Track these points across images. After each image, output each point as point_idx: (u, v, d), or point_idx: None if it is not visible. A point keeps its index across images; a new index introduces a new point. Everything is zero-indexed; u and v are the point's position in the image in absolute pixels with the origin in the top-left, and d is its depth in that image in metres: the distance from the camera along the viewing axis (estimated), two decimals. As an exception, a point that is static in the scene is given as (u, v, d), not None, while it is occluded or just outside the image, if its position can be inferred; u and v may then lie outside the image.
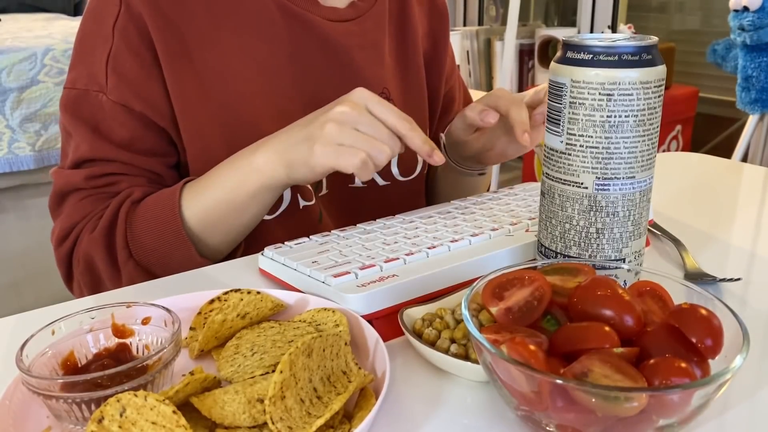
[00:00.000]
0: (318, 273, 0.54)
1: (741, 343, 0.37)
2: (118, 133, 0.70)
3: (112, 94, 0.69)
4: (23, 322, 0.55)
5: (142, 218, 0.67)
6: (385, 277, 0.53)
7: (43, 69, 1.74)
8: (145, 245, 0.67)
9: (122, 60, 0.69)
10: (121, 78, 0.69)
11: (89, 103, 0.70)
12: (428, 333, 0.47)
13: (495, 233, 0.61)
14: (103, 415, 0.36)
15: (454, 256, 0.57)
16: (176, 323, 0.45)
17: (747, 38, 1.93)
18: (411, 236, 0.61)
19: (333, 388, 0.41)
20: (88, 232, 0.69)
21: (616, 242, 0.52)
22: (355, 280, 0.53)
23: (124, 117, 0.69)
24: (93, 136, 0.70)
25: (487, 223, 0.64)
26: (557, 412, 0.36)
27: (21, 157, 1.73)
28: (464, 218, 0.65)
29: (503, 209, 0.68)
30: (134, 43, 0.69)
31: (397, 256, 0.56)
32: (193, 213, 0.67)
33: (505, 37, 2.35)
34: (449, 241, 0.59)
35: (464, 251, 0.58)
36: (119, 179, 0.71)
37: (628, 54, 0.48)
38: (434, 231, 0.62)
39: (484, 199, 0.72)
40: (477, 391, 0.45)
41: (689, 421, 0.36)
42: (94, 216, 0.70)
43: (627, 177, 0.50)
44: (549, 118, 0.53)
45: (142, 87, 0.69)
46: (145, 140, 0.71)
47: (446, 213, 0.67)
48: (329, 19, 0.76)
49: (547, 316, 0.42)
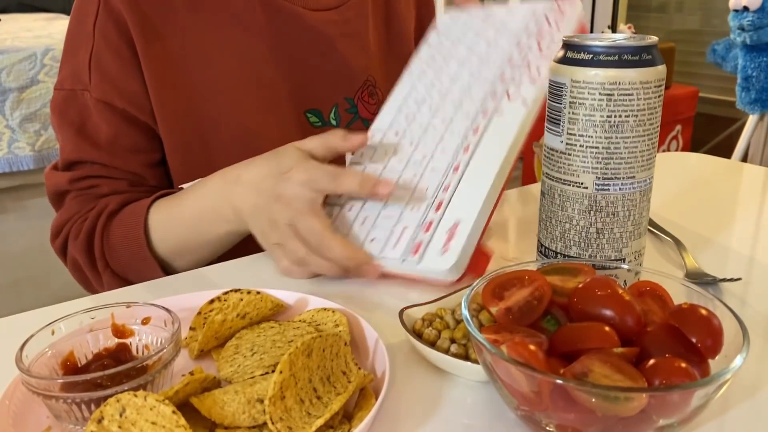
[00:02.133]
0: (390, 251, 0.56)
1: (741, 343, 0.37)
2: (103, 131, 0.71)
3: (95, 91, 0.70)
4: (23, 322, 0.54)
5: (114, 234, 0.69)
6: (451, 226, 0.54)
7: (43, 69, 1.75)
8: (120, 259, 0.69)
9: (103, 58, 0.70)
10: (103, 76, 0.70)
11: (76, 102, 0.71)
12: (428, 333, 0.47)
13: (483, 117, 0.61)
14: (103, 415, 0.36)
15: (480, 157, 0.58)
16: (176, 323, 0.44)
17: (747, 38, 1.94)
18: (416, 163, 0.60)
19: (333, 389, 0.41)
20: (73, 238, 0.71)
21: (616, 242, 0.52)
22: (435, 247, 0.54)
23: (108, 114, 0.71)
24: (77, 137, 0.71)
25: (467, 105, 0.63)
26: (557, 412, 0.36)
27: (21, 157, 1.73)
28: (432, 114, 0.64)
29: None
30: (114, 41, 0.70)
31: (437, 197, 0.56)
32: (160, 238, 0.68)
33: (505, 37, 2.35)
34: (458, 149, 0.60)
35: (484, 145, 0.59)
36: (100, 182, 0.72)
37: (628, 54, 0.48)
38: (424, 148, 0.62)
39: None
40: (477, 391, 0.45)
41: (689, 421, 0.36)
42: (79, 218, 0.72)
43: (627, 177, 0.50)
44: (549, 118, 0.53)
45: (123, 83, 0.70)
46: (128, 136, 0.72)
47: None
48: (310, 9, 0.76)
49: (547, 316, 0.42)
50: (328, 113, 0.78)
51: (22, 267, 1.81)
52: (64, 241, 0.72)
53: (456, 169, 0.58)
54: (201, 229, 0.65)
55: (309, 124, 0.77)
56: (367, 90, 0.81)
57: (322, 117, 0.78)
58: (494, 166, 0.58)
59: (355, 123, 0.80)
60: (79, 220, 0.71)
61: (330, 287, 0.59)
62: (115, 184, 0.72)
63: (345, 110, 0.79)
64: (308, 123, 0.77)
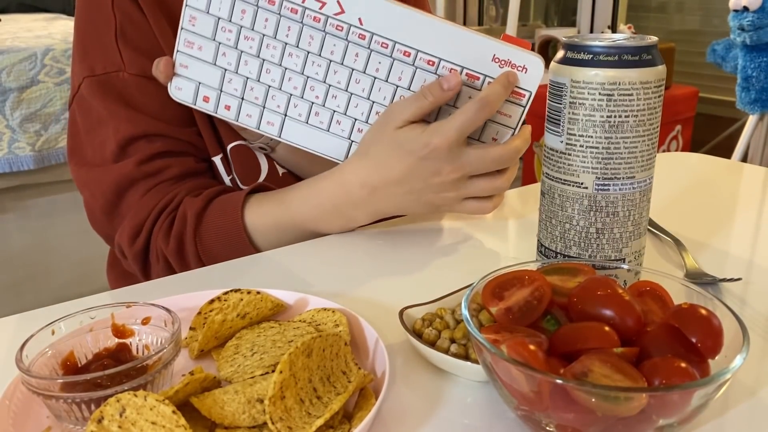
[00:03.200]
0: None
1: (741, 343, 0.37)
2: (149, 105, 0.70)
3: (131, 68, 0.70)
4: (23, 322, 0.55)
5: (209, 237, 0.68)
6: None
7: (43, 69, 1.75)
8: (217, 256, 0.68)
9: (130, 34, 0.70)
10: (134, 50, 0.70)
11: (113, 85, 0.70)
12: (428, 333, 0.47)
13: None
14: (103, 415, 0.36)
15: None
16: (176, 323, 0.45)
17: (747, 38, 1.94)
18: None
19: (333, 388, 0.41)
20: (163, 239, 0.69)
21: (616, 242, 0.52)
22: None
23: (149, 88, 0.70)
24: (129, 112, 0.70)
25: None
26: (557, 412, 0.36)
27: (21, 157, 1.73)
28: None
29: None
30: (135, 16, 0.70)
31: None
32: (266, 241, 0.69)
33: (505, 37, 2.35)
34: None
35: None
36: (169, 162, 0.71)
37: (628, 54, 0.48)
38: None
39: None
40: (477, 391, 0.45)
41: (689, 421, 0.36)
42: (160, 216, 0.69)
43: (627, 177, 0.50)
44: (549, 118, 0.53)
45: (157, 53, 0.69)
46: (175, 107, 0.70)
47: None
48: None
49: (547, 316, 0.42)
50: None
51: (22, 267, 1.81)
52: (146, 243, 0.70)
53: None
54: (315, 233, 0.69)
55: None
56: None
57: None
58: (418, 22, 0.62)
59: None
60: (161, 217, 0.69)
61: (330, 287, 0.59)
62: (185, 163, 0.71)
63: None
64: None
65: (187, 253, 0.69)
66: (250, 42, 0.64)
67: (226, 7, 0.63)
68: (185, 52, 0.65)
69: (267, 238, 0.69)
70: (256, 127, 0.67)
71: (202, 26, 0.64)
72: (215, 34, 0.64)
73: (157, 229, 0.69)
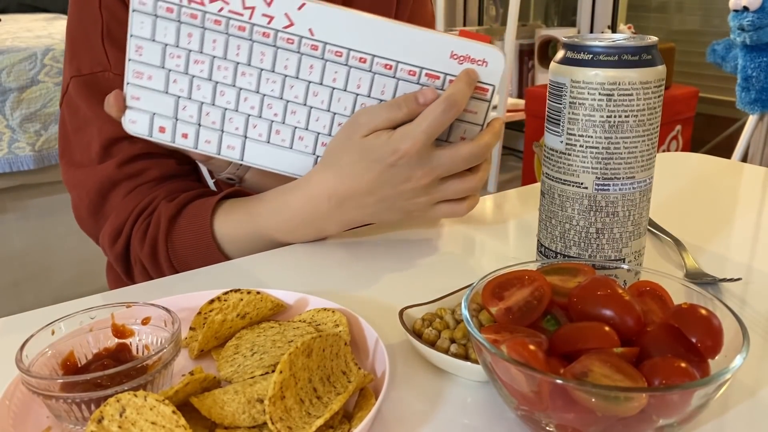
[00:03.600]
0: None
1: (741, 343, 0.37)
2: None
3: (116, 68, 0.70)
4: (23, 322, 0.55)
5: (180, 242, 0.68)
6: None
7: (43, 69, 1.75)
8: (188, 261, 0.68)
9: (116, 33, 0.70)
10: (120, 50, 0.69)
11: (99, 85, 0.70)
12: (428, 333, 0.47)
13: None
14: (103, 415, 0.36)
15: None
16: (176, 323, 0.45)
17: (747, 38, 1.94)
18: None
19: (333, 388, 0.41)
20: (138, 242, 0.69)
21: (616, 242, 0.52)
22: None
23: None
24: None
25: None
26: (557, 412, 0.36)
27: (21, 157, 1.73)
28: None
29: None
30: (121, 14, 0.69)
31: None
32: (235, 249, 0.68)
33: (505, 38, 2.35)
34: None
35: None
36: (150, 164, 0.71)
37: (628, 54, 0.48)
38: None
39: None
40: (477, 391, 0.45)
41: (689, 421, 0.36)
42: (137, 219, 0.70)
43: (627, 177, 0.50)
44: (549, 118, 0.53)
45: None
46: None
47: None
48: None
49: (547, 316, 0.42)
50: None
51: (22, 267, 1.81)
52: (126, 245, 0.70)
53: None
54: (285, 241, 0.68)
55: None
56: None
57: None
58: (370, 26, 0.61)
59: None
60: (139, 220, 0.69)
61: (330, 287, 0.59)
62: (164, 166, 0.71)
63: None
64: None
65: (160, 258, 0.69)
66: (201, 65, 0.62)
67: (172, 32, 0.61)
68: (135, 83, 0.63)
69: (237, 247, 0.68)
70: (216, 153, 0.65)
71: (150, 55, 0.62)
72: (164, 62, 0.62)
73: (135, 232, 0.70)
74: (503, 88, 1.96)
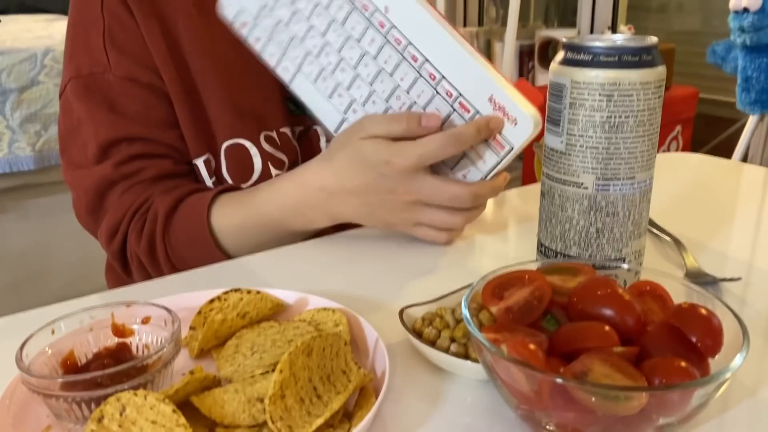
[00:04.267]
0: (485, 166, 0.64)
1: (741, 343, 0.37)
2: (132, 108, 0.71)
3: (117, 70, 0.70)
4: (23, 322, 0.54)
5: (177, 240, 0.69)
6: (488, 105, 0.62)
7: (43, 70, 1.75)
8: (186, 261, 0.69)
9: (118, 36, 0.70)
10: (121, 52, 0.70)
11: (98, 85, 0.71)
12: (428, 332, 0.47)
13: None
14: (103, 414, 0.36)
15: (422, 43, 0.63)
16: (176, 323, 0.45)
17: (747, 39, 1.93)
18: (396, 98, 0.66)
19: (333, 388, 0.41)
20: (135, 241, 0.70)
21: (616, 242, 0.52)
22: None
23: (134, 90, 0.70)
24: (110, 115, 0.70)
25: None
26: (557, 412, 0.36)
27: (21, 158, 1.73)
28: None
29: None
30: (124, 18, 0.70)
31: (450, 101, 0.63)
32: (232, 243, 0.69)
33: (505, 38, 2.35)
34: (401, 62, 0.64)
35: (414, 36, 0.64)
36: (146, 164, 0.71)
37: (628, 55, 0.48)
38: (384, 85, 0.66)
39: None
40: (477, 390, 0.45)
41: (689, 420, 0.36)
42: (134, 216, 0.70)
43: (627, 177, 0.50)
44: (549, 119, 0.53)
45: (143, 58, 0.70)
46: (159, 109, 0.71)
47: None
48: None
49: (547, 316, 0.42)
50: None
51: (22, 267, 1.81)
52: (122, 243, 0.71)
53: (424, 70, 0.63)
54: (279, 234, 0.68)
55: (289, 111, 0.79)
56: None
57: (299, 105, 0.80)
58: (438, 35, 0.62)
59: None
60: (135, 218, 0.70)
61: (330, 287, 0.59)
62: (161, 165, 0.72)
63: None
64: (288, 110, 0.79)
65: (157, 253, 0.69)
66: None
67: None
68: None
69: (233, 240, 0.69)
70: (273, 67, 0.68)
71: None
72: None
73: (131, 229, 0.70)
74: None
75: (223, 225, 0.68)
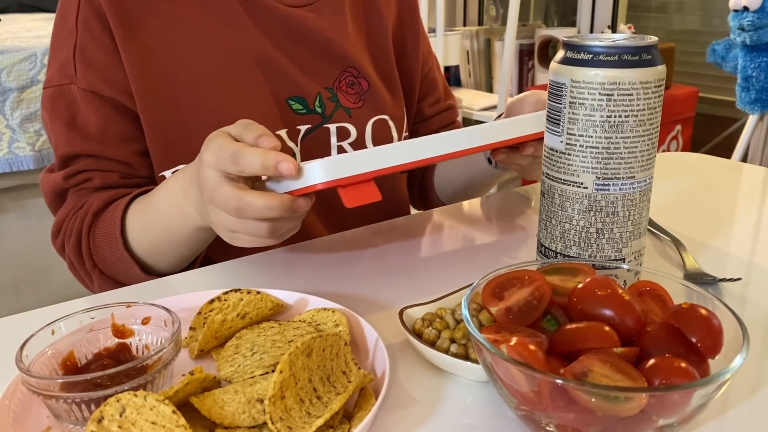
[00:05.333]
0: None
1: (741, 343, 0.37)
2: (92, 121, 0.72)
3: (81, 82, 0.71)
4: (23, 322, 0.55)
5: (97, 235, 0.70)
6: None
7: (43, 69, 1.74)
8: (105, 260, 0.70)
9: (87, 49, 0.71)
10: (88, 66, 0.71)
11: (64, 97, 0.72)
12: (428, 333, 0.47)
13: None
14: (103, 414, 0.36)
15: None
16: (176, 323, 0.45)
17: (747, 38, 1.93)
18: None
19: (333, 388, 0.41)
20: (67, 238, 0.72)
21: (616, 242, 0.52)
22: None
23: (96, 103, 0.72)
24: (68, 131, 0.72)
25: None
26: (557, 412, 0.36)
27: (21, 157, 1.73)
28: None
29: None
30: (96, 32, 0.71)
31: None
32: (135, 239, 0.69)
33: (505, 37, 2.35)
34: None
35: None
36: (93, 175, 0.73)
37: (628, 54, 0.48)
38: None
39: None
40: (477, 391, 0.45)
41: (689, 420, 0.36)
42: (73, 216, 0.73)
43: (627, 177, 0.50)
44: (549, 118, 0.53)
45: (109, 72, 0.71)
46: (117, 124, 0.72)
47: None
48: (287, 5, 0.78)
49: (547, 316, 0.42)
50: (313, 101, 0.80)
51: (22, 267, 1.81)
52: (63, 241, 0.74)
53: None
54: (170, 228, 0.65)
55: (292, 111, 0.79)
56: (345, 80, 0.83)
57: (307, 104, 0.79)
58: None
59: (337, 111, 0.81)
60: (72, 218, 0.72)
61: (330, 287, 0.59)
62: (107, 177, 0.73)
63: (327, 99, 0.81)
64: (290, 110, 0.79)
65: (82, 250, 0.71)
66: None
67: None
68: None
69: (137, 236, 0.68)
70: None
71: None
72: None
73: (67, 229, 0.73)
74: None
75: (130, 221, 0.69)
